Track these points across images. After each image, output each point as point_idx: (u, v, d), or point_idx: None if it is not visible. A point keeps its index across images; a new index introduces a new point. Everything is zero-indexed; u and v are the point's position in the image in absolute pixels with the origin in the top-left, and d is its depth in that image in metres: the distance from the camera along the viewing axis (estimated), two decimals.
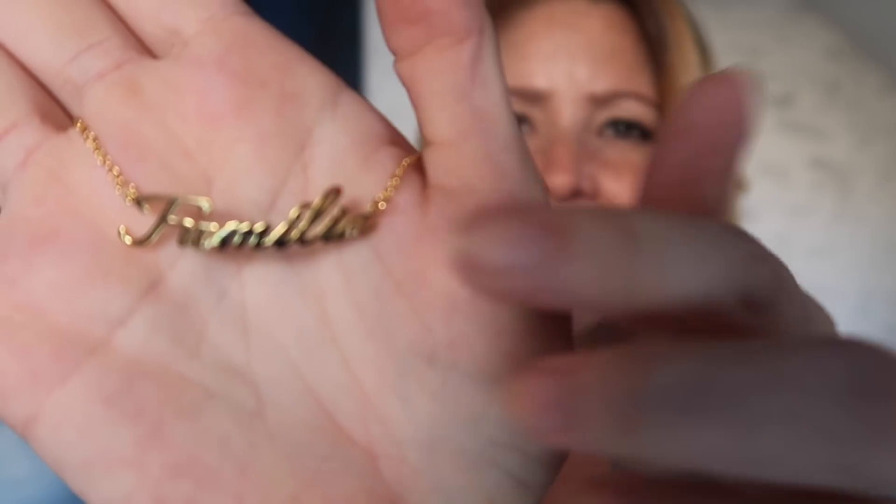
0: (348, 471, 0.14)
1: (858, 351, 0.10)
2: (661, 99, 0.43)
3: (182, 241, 0.13)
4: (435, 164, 0.15)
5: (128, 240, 0.13)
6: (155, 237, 0.13)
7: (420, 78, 0.14)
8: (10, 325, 0.13)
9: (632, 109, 0.43)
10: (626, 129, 0.43)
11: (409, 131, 0.60)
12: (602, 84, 0.42)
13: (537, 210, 0.10)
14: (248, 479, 0.13)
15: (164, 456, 0.13)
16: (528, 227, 0.09)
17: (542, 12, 0.44)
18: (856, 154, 1.74)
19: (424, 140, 0.15)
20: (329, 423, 0.14)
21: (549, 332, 0.14)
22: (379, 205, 0.14)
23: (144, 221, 0.14)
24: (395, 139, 0.16)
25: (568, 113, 0.42)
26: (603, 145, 0.43)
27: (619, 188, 0.42)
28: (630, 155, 0.43)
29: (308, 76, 0.15)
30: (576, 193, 0.41)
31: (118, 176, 0.14)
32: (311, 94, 0.15)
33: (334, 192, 0.13)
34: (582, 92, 0.42)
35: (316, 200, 0.13)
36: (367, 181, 0.14)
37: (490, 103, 0.14)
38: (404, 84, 0.15)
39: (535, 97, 0.43)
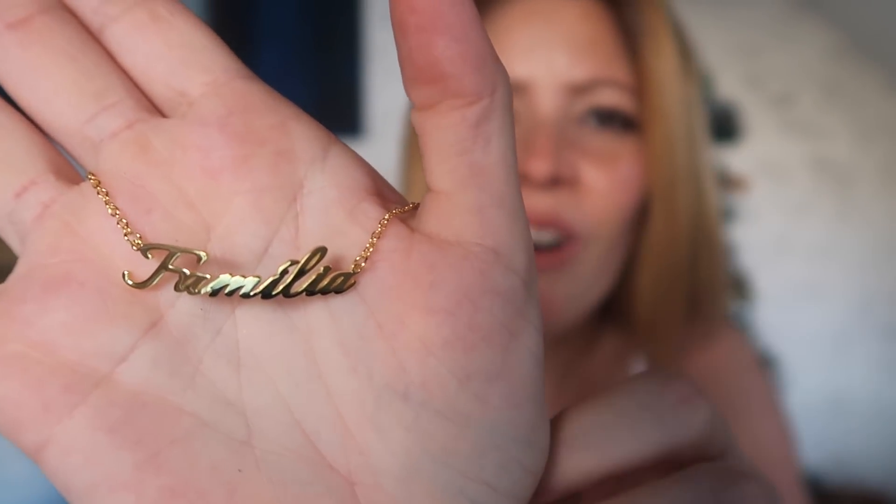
0: (329, 497, 0.15)
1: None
2: (640, 85, 0.43)
3: (178, 287, 0.15)
4: (428, 210, 0.16)
5: (130, 283, 0.15)
6: (154, 282, 0.15)
7: (429, 130, 0.15)
8: (26, 360, 0.14)
9: (611, 97, 0.43)
10: (607, 118, 0.44)
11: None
12: (580, 72, 0.43)
13: None
14: (236, 502, 0.14)
15: (160, 479, 0.14)
16: None
17: (520, 5, 0.45)
18: (856, 154, 1.74)
19: (427, 185, 0.16)
20: (312, 451, 0.15)
21: (514, 370, 0.15)
22: (359, 265, 0.15)
23: (149, 267, 0.15)
24: (380, 189, 0.17)
25: (547, 102, 0.43)
26: (584, 134, 0.43)
27: (598, 176, 0.42)
28: (611, 145, 0.43)
29: (301, 133, 0.16)
30: (555, 180, 0.41)
31: (126, 226, 0.15)
32: (303, 149, 0.16)
33: (320, 252, 0.15)
34: (561, 81, 0.43)
35: (303, 259, 0.15)
36: (352, 231, 0.16)
37: (489, 161, 0.15)
38: (417, 132, 0.16)
39: (515, 88, 0.43)
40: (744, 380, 0.49)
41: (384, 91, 1.48)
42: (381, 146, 1.34)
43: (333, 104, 1.45)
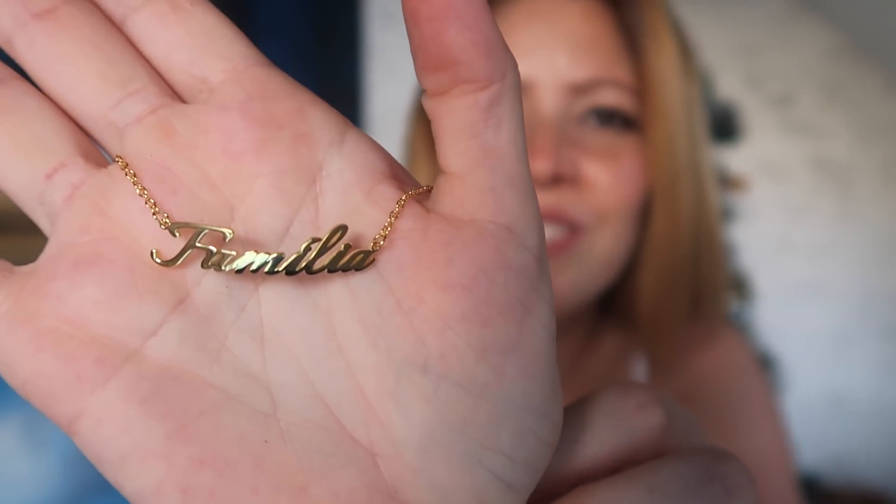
0: (352, 467, 0.15)
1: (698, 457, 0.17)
2: (641, 85, 0.44)
3: (205, 264, 0.15)
4: (443, 192, 0.17)
5: (158, 261, 0.15)
6: (181, 259, 0.15)
7: (441, 115, 0.16)
8: (59, 335, 0.15)
9: (611, 97, 0.43)
10: (608, 117, 0.44)
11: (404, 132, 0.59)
12: (581, 72, 0.43)
13: None
14: (263, 472, 0.14)
15: (190, 449, 0.14)
16: None
17: (522, 6, 0.45)
18: (856, 154, 1.74)
19: (440, 168, 0.17)
20: (335, 424, 0.15)
21: (528, 343, 0.16)
22: (378, 243, 0.16)
23: (175, 246, 0.16)
24: (395, 172, 0.18)
25: (548, 101, 0.43)
26: (584, 133, 0.43)
27: (600, 173, 0.43)
28: (612, 142, 0.44)
29: (318, 118, 0.17)
30: (556, 178, 0.41)
31: (154, 206, 0.16)
32: (321, 134, 0.17)
33: (341, 230, 0.15)
34: (562, 81, 0.43)
35: (324, 236, 0.15)
36: (370, 211, 0.16)
37: (500, 142, 0.16)
38: (429, 117, 0.17)
39: None
40: (743, 381, 0.49)
41: (384, 91, 1.48)
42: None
43: (333, 104, 1.44)
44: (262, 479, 0.14)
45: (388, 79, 1.48)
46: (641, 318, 0.48)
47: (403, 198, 0.16)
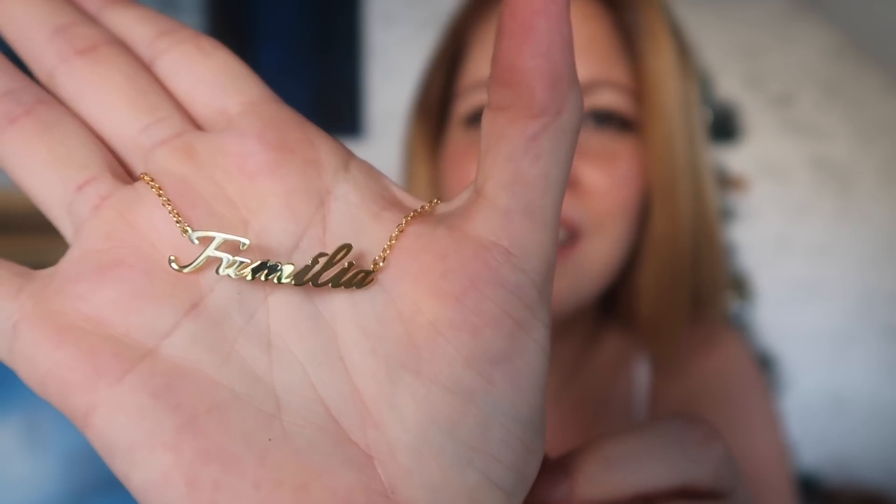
0: (349, 466, 0.16)
1: None
2: (638, 86, 0.43)
3: (220, 270, 0.17)
4: (462, 202, 0.18)
5: (175, 266, 0.17)
6: (196, 265, 0.17)
7: (491, 131, 0.17)
8: (80, 331, 0.16)
9: (609, 98, 0.43)
10: (605, 118, 0.44)
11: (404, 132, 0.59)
12: (578, 73, 0.42)
13: None
14: (266, 468, 0.15)
15: (197, 442, 0.15)
16: None
17: None
18: (856, 154, 1.74)
19: (474, 178, 0.18)
20: (334, 426, 0.16)
21: (519, 357, 0.16)
22: (377, 264, 0.17)
23: (192, 255, 0.17)
24: (397, 196, 0.19)
25: None
26: (581, 135, 0.43)
27: (597, 176, 0.43)
28: (609, 144, 0.43)
29: (325, 147, 0.19)
30: None
31: (177, 215, 0.17)
32: (328, 161, 0.18)
33: (346, 247, 0.17)
34: None
35: (330, 252, 0.17)
36: (375, 232, 0.18)
37: (532, 173, 0.16)
38: (482, 128, 0.17)
39: None
40: (743, 384, 0.49)
41: (384, 91, 1.48)
42: (381, 146, 1.34)
43: (333, 104, 1.44)
44: (265, 475, 0.15)
45: (388, 79, 1.48)
46: (642, 318, 0.48)
47: (405, 221, 0.17)
